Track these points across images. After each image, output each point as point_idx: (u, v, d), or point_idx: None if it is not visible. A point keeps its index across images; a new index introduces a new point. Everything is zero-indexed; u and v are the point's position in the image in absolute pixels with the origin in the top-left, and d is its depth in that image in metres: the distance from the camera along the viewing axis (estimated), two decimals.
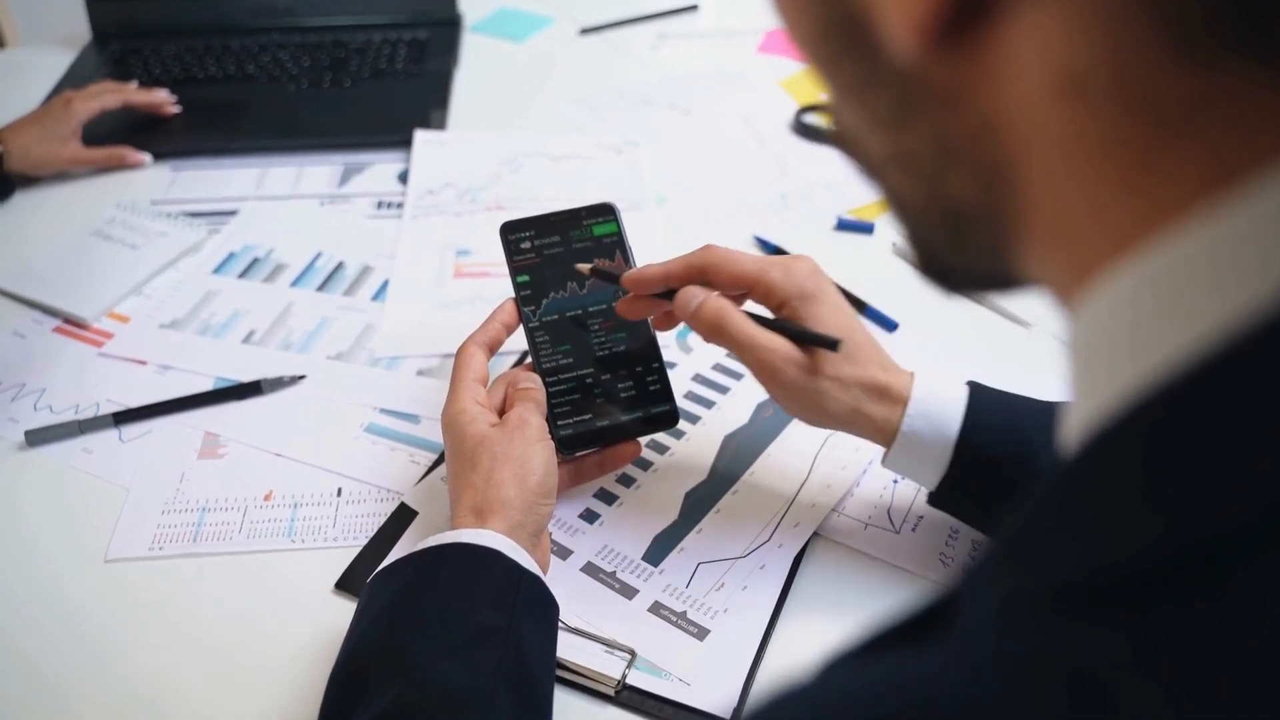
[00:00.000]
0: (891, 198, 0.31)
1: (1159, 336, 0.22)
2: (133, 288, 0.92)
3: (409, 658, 0.52)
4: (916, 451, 0.61)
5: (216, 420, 0.79)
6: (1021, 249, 0.27)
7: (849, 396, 0.60)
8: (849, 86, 0.29)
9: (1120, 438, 0.22)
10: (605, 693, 0.59)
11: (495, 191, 1.03)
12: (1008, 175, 0.25)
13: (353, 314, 0.89)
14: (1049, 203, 0.25)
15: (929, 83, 0.26)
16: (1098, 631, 0.20)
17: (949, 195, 0.28)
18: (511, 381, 0.68)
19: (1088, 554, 0.21)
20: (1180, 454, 0.21)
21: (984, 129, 0.25)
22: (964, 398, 0.61)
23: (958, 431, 0.60)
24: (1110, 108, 0.22)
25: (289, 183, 1.06)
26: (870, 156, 0.31)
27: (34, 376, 0.83)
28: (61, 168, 1.06)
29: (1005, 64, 0.24)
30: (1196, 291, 0.21)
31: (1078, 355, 0.25)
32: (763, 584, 0.65)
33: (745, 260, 0.63)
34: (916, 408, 0.60)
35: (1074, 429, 0.25)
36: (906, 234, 0.32)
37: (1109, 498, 0.22)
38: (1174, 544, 0.20)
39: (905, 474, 0.63)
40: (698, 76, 1.23)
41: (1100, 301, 0.24)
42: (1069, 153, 0.23)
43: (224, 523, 0.71)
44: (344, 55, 1.24)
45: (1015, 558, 0.24)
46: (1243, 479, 0.20)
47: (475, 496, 0.60)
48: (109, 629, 0.65)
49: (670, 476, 0.72)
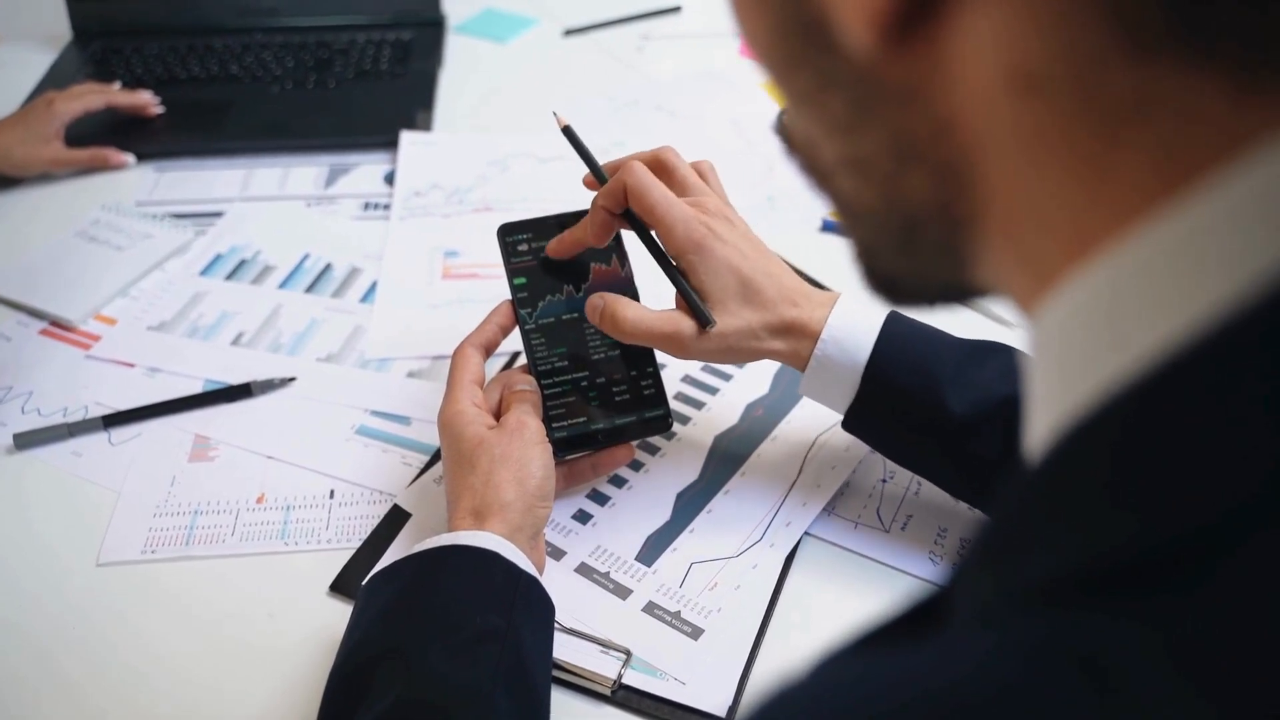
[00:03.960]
0: (843, 205, 0.31)
1: (1123, 339, 0.22)
2: (119, 289, 0.91)
3: (410, 658, 0.53)
4: (828, 377, 0.64)
5: (207, 423, 0.79)
6: (977, 249, 0.27)
7: (754, 340, 0.64)
8: (804, 92, 0.29)
9: (1095, 434, 0.22)
10: (601, 692, 0.60)
11: (483, 193, 1.03)
12: (964, 173, 0.25)
13: (342, 316, 0.89)
14: (1005, 199, 0.25)
15: (886, 81, 0.26)
16: (1100, 620, 0.20)
17: (904, 196, 0.28)
18: (507, 384, 0.68)
19: (1075, 549, 0.22)
20: (1157, 447, 0.21)
21: (941, 127, 0.25)
22: (877, 327, 0.63)
23: (867, 358, 0.63)
24: (1063, 104, 0.22)
25: (275, 184, 1.06)
26: (823, 163, 0.31)
27: (21, 379, 0.83)
28: (44, 169, 1.05)
29: (959, 61, 0.24)
30: (1156, 293, 0.22)
31: (1040, 360, 0.26)
32: (756, 583, 0.65)
33: (655, 196, 0.65)
34: (830, 333, 0.63)
35: (1040, 431, 0.25)
36: (855, 244, 0.32)
37: (1089, 493, 0.22)
38: (1160, 533, 0.20)
39: (818, 399, 0.67)
40: (683, 78, 1.24)
41: (1060, 307, 0.24)
42: (1024, 149, 0.24)
43: (216, 525, 0.71)
44: (328, 56, 1.23)
45: (997, 557, 0.24)
46: (1219, 469, 0.20)
47: (474, 498, 0.61)
48: (102, 632, 0.65)
49: (662, 477, 0.73)
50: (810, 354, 0.64)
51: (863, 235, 0.32)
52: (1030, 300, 0.26)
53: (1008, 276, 0.27)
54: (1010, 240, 0.26)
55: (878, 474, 0.73)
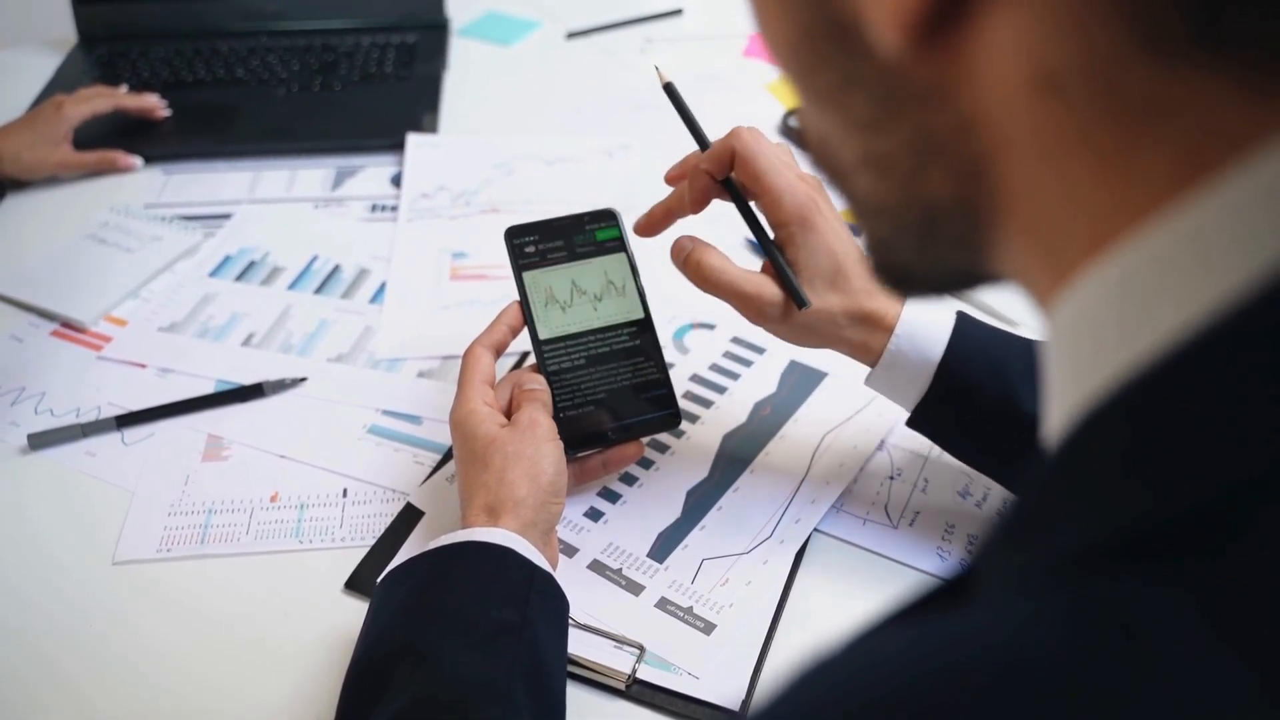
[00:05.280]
0: (861, 202, 0.32)
1: (1138, 327, 0.23)
2: (130, 291, 0.92)
3: (428, 653, 0.53)
4: (899, 372, 0.64)
5: (219, 423, 0.79)
6: (995, 242, 0.28)
7: (833, 326, 0.64)
8: (826, 91, 0.30)
9: (1115, 414, 0.23)
10: (616, 687, 0.60)
11: (489, 195, 1.04)
12: (986, 170, 0.26)
13: (351, 316, 0.89)
14: (1025, 196, 0.26)
15: (911, 81, 0.26)
16: (1132, 586, 0.21)
17: (924, 193, 0.29)
18: (517, 383, 0.69)
19: (1100, 521, 0.23)
20: (1174, 425, 0.22)
21: (964, 125, 0.26)
22: (950, 324, 0.64)
23: (940, 355, 0.63)
24: (1083, 104, 0.23)
25: (282, 186, 1.06)
26: (839, 162, 0.32)
27: (33, 380, 0.83)
28: (52, 172, 1.06)
29: (984, 61, 0.24)
30: (1171, 285, 0.23)
31: (1058, 350, 0.26)
32: (766, 579, 0.66)
33: (763, 162, 0.64)
34: (904, 329, 0.64)
35: (1058, 418, 0.26)
36: (871, 238, 0.33)
37: (1110, 469, 0.23)
38: (1181, 503, 0.21)
39: (886, 393, 0.67)
40: (686, 80, 1.24)
41: (1077, 299, 0.25)
42: (1045, 148, 0.24)
43: (231, 524, 0.71)
44: (333, 59, 1.24)
45: (1024, 534, 0.25)
46: (1234, 444, 0.21)
47: (488, 496, 0.61)
48: (120, 630, 0.65)
49: (672, 475, 0.74)
50: (882, 347, 0.64)
51: (879, 231, 0.33)
52: (1047, 294, 0.27)
53: (1025, 269, 0.28)
54: (1029, 235, 0.27)
55: (885, 471, 0.74)
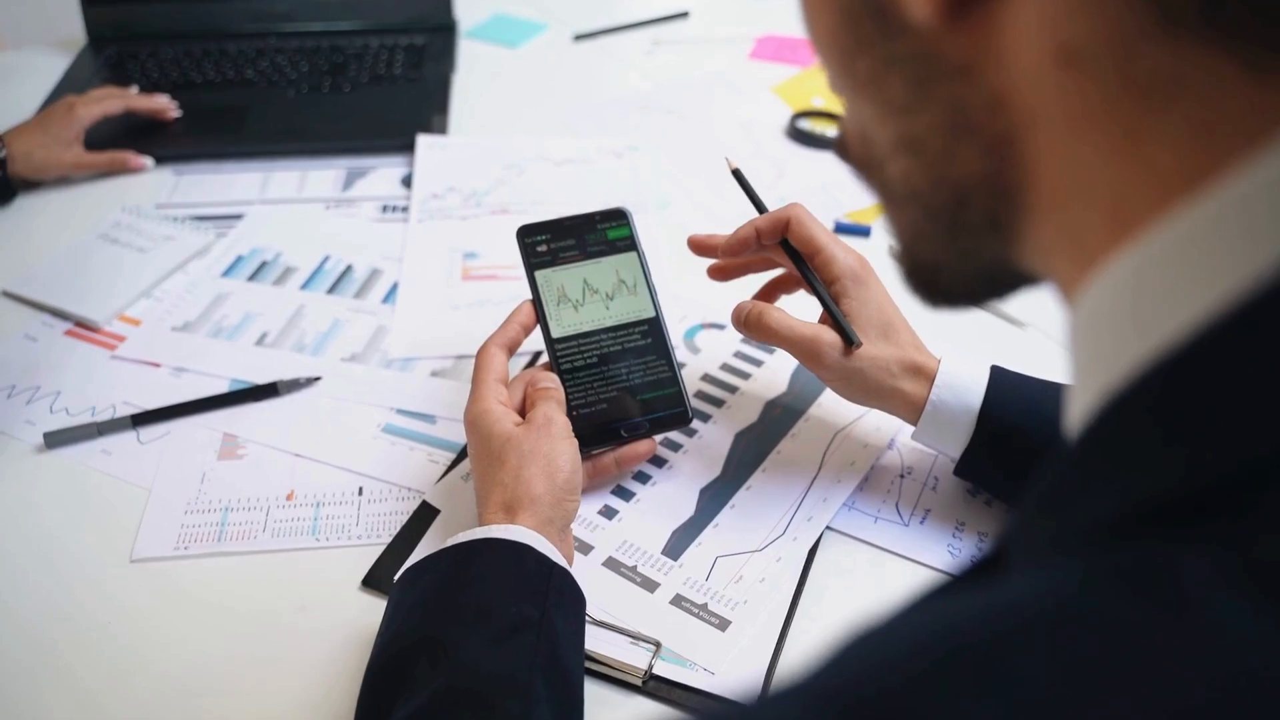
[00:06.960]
0: (891, 191, 0.33)
1: (1163, 314, 0.24)
2: (142, 291, 0.92)
3: (448, 649, 0.54)
4: (943, 421, 0.66)
5: (234, 421, 0.80)
6: (1023, 224, 0.29)
7: (885, 374, 0.67)
8: (865, 76, 0.31)
9: (1141, 394, 0.24)
10: (633, 683, 0.61)
11: (500, 195, 1.04)
12: (1014, 145, 0.27)
13: (364, 316, 0.90)
14: (1051, 170, 0.27)
15: (944, 57, 0.28)
16: (1169, 547, 0.22)
17: (955, 172, 0.30)
18: (530, 381, 0.69)
19: (1132, 488, 0.23)
20: (1203, 402, 0.23)
21: (994, 100, 0.27)
22: (985, 374, 0.66)
23: (980, 403, 0.65)
24: (1104, 79, 0.24)
25: (293, 186, 1.07)
26: (875, 152, 0.33)
27: (47, 379, 0.84)
28: (64, 172, 1.06)
29: (1011, 37, 0.26)
30: (1193, 270, 0.23)
31: (1084, 339, 0.27)
32: (779, 576, 0.67)
33: (817, 229, 0.70)
34: (944, 380, 0.66)
35: (1082, 402, 0.27)
36: (899, 233, 0.34)
37: (1139, 440, 0.24)
38: (1210, 470, 0.22)
39: (932, 445, 0.69)
40: (692, 83, 1.25)
41: (1103, 286, 0.26)
42: (1069, 122, 0.26)
43: (248, 522, 0.72)
44: (342, 60, 1.25)
45: (1055, 505, 0.26)
46: (1266, 416, 0.22)
47: (504, 493, 0.62)
48: (138, 628, 0.66)
49: (685, 473, 0.74)
50: (925, 399, 0.66)
51: (908, 221, 0.34)
52: (1072, 284, 0.28)
53: (1050, 254, 0.29)
54: (1055, 212, 0.28)
55: (896, 469, 0.74)
